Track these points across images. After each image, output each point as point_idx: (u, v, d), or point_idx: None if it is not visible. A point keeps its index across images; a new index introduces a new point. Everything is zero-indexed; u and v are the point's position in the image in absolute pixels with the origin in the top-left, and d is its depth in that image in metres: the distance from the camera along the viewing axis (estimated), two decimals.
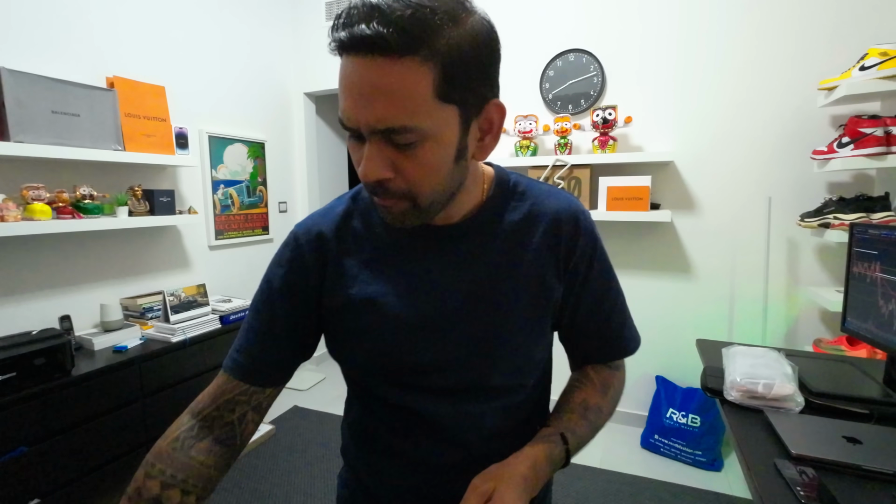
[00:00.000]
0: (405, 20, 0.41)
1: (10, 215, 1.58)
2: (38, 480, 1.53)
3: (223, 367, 0.63)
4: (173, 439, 0.58)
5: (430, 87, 0.44)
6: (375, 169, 0.46)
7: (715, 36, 2.20)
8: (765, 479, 0.74)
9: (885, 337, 1.03)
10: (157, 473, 0.55)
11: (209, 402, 0.62)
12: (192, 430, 0.60)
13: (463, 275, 0.58)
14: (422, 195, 0.49)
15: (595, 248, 0.62)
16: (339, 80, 0.46)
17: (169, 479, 0.55)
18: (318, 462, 2.17)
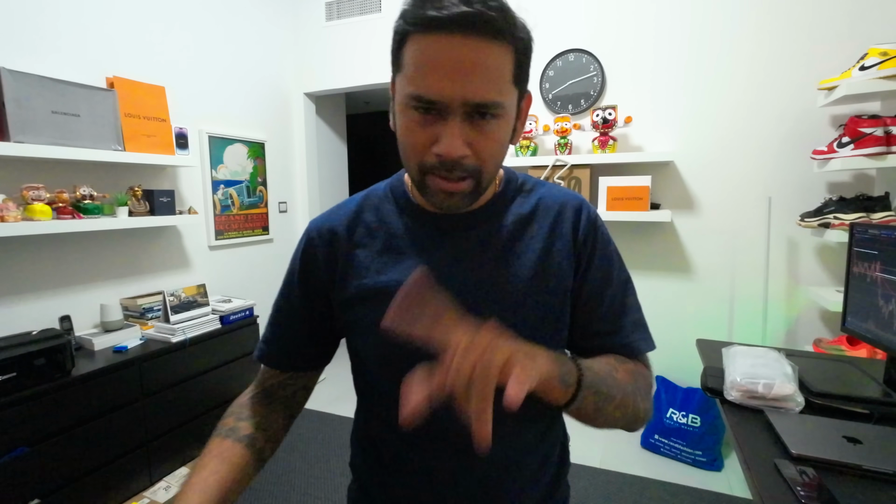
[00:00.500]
0: (499, 6, 0.47)
1: (10, 215, 1.58)
2: (39, 480, 1.53)
3: (254, 356, 0.70)
4: (250, 397, 0.68)
5: (511, 70, 0.49)
6: (459, 145, 0.49)
7: (715, 36, 2.20)
8: (765, 479, 0.74)
9: (886, 337, 1.03)
10: (245, 418, 0.63)
11: (262, 382, 0.70)
12: (257, 396, 0.68)
13: (473, 263, 0.59)
14: (486, 172, 0.53)
15: (597, 236, 0.63)
16: (417, 57, 0.48)
17: (255, 425, 0.63)
18: (318, 462, 2.17)
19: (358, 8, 2.93)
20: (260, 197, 2.93)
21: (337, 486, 2.00)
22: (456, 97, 0.47)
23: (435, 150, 0.49)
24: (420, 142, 0.50)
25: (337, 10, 2.99)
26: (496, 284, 0.59)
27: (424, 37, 0.47)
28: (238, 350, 2.33)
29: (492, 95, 0.48)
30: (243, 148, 2.78)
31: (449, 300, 0.49)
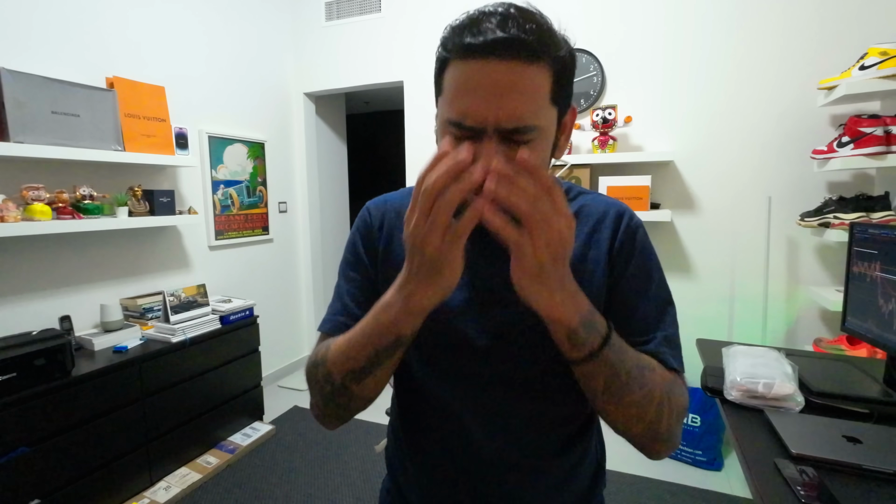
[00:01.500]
0: (536, 29, 0.47)
1: (10, 216, 1.58)
2: (39, 481, 1.53)
3: (324, 329, 0.66)
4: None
5: (549, 90, 0.49)
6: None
7: (715, 36, 2.20)
8: (765, 479, 0.74)
9: (885, 336, 1.03)
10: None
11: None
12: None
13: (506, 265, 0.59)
14: None
15: (635, 244, 0.61)
16: (454, 81, 0.50)
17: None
18: (319, 462, 2.17)
19: (358, 8, 2.93)
20: (260, 197, 2.93)
21: (337, 486, 2.00)
22: (489, 121, 0.48)
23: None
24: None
25: (337, 10, 2.99)
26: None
27: (462, 62, 0.49)
28: (238, 350, 2.33)
29: (525, 119, 0.48)
30: (243, 148, 2.77)
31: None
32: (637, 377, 0.52)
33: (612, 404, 0.52)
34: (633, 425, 0.54)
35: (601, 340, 0.49)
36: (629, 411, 0.52)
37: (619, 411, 0.53)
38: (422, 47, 2.79)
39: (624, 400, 0.51)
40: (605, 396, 0.52)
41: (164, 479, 1.97)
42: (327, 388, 0.56)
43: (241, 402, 2.36)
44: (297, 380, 3.09)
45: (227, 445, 2.24)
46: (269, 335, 2.86)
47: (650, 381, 0.53)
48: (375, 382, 0.55)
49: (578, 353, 0.49)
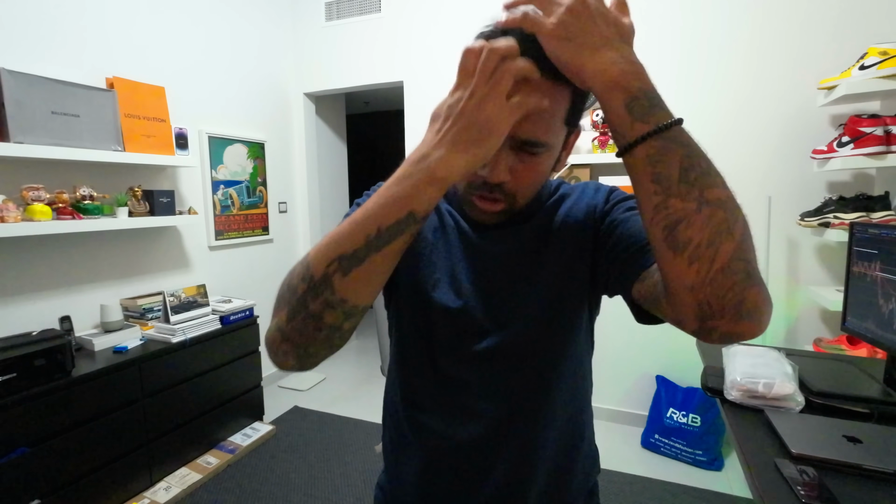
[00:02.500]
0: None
1: (10, 216, 1.58)
2: (39, 481, 1.53)
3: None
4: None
5: (565, 111, 0.51)
6: (502, 172, 0.52)
7: (714, 35, 2.20)
8: (765, 479, 0.74)
9: (886, 336, 1.03)
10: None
11: None
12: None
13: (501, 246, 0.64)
14: (521, 197, 0.56)
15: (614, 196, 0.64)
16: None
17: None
18: (319, 462, 2.17)
19: (357, 8, 2.93)
20: (260, 197, 2.93)
21: (337, 486, 2.00)
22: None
23: (480, 172, 0.53)
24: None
25: (336, 11, 2.99)
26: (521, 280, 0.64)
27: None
28: (238, 350, 2.33)
29: (539, 135, 0.50)
30: (243, 148, 2.77)
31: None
32: (718, 171, 0.43)
33: (693, 200, 0.40)
34: (723, 241, 0.40)
35: (670, 117, 0.42)
36: (716, 214, 0.40)
37: (704, 213, 0.40)
38: (422, 47, 2.79)
39: (708, 193, 0.41)
40: (683, 187, 0.41)
41: (165, 479, 1.97)
42: (301, 287, 0.45)
43: (241, 403, 2.36)
44: (297, 380, 3.09)
45: (227, 446, 2.24)
46: None
47: (729, 185, 0.43)
48: (366, 279, 0.45)
49: (643, 126, 0.41)
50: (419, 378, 0.67)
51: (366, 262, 0.44)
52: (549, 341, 0.63)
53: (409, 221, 0.44)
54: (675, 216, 0.41)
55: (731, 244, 0.40)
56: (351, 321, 0.47)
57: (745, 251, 0.41)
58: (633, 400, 2.48)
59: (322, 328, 0.46)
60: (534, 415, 0.64)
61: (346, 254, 0.44)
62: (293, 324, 0.47)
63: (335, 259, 0.44)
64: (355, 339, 3.96)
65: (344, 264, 0.44)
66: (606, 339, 2.38)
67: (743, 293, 0.40)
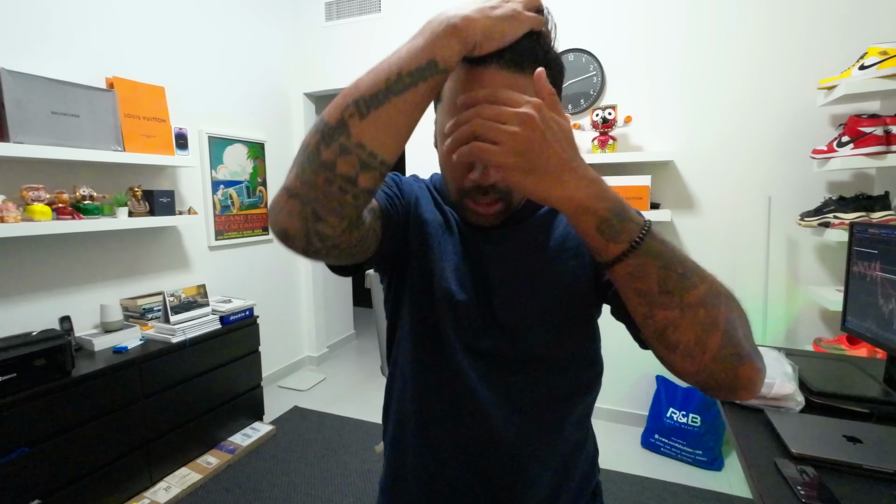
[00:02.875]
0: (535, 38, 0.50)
1: (10, 216, 1.58)
2: (39, 481, 1.53)
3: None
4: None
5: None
6: (492, 174, 0.53)
7: (714, 35, 2.20)
8: (765, 479, 0.74)
9: (886, 336, 1.03)
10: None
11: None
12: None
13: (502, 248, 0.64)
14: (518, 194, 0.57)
15: None
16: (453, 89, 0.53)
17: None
18: (319, 462, 2.17)
19: (357, 8, 2.93)
20: (260, 197, 2.93)
21: (337, 486, 2.00)
22: None
23: (471, 176, 0.54)
24: (459, 170, 0.55)
25: (336, 10, 2.99)
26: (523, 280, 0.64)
27: (461, 70, 0.51)
28: (238, 350, 2.33)
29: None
30: (243, 148, 2.77)
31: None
32: (693, 267, 0.45)
33: (675, 308, 0.43)
34: (709, 336, 0.43)
35: (640, 228, 0.43)
36: (698, 314, 0.43)
37: (687, 317, 0.43)
38: None
39: (688, 297, 0.43)
40: (664, 298, 0.43)
41: (165, 479, 1.96)
42: (314, 139, 0.43)
43: (241, 403, 2.36)
44: (297, 380, 3.09)
45: (227, 446, 2.24)
46: (269, 335, 2.86)
47: (706, 272, 0.45)
48: (385, 124, 0.42)
49: (616, 247, 0.43)
50: (424, 375, 0.66)
51: (385, 105, 0.42)
52: (557, 342, 0.63)
53: (430, 68, 0.42)
54: (662, 324, 0.44)
55: (717, 336, 0.43)
56: (366, 175, 0.43)
57: (732, 335, 0.44)
58: (633, 400, 2.48)
59: (335, 180, 0.42)
60: (543, 419, 0.63)
61: (365, 96, 0.42)
62: (303, 177, 0.43)
63: (352, 103, 0.42)
64: (355, 339, 3.96)
65: (361, 106, 0.42)
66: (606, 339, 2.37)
67: (735, 372, 0.44)
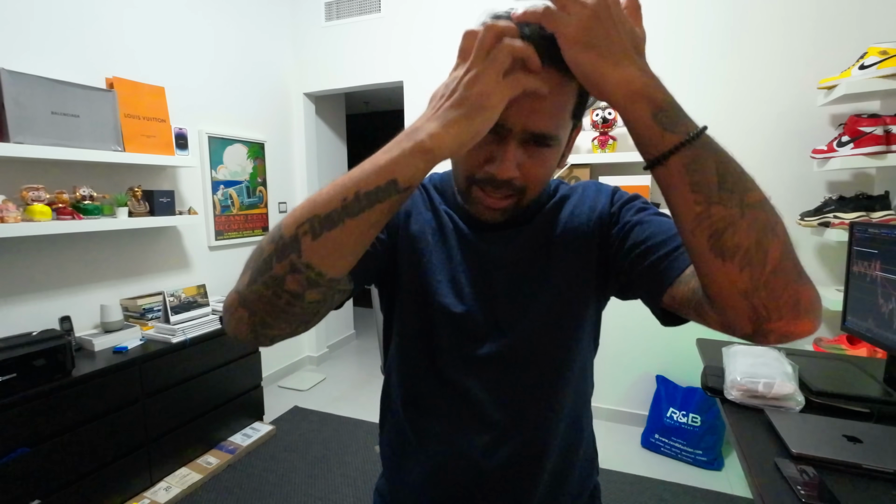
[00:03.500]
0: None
1: (10, 216, 1.58)
2: (39, 481, 1.53)
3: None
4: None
5: (573, 105, 0.51)
6: (512, 167, 0.51)
7: (714, 35, 2.20)
8: (765, 478, 0.74)
9: (886, 336, 1.03)
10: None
11: None
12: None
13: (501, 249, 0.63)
14: (530, 192, 0.56)
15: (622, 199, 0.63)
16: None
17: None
18: (319, 462, 2.17)
19: (357, 8, 2.93)
20: (260, 197, 2.93)
21: (337, 485, 2.00)
22: (518, 124, 0.49)
23: (489, 168, 0.52)
24: (475, 157, 0.53)
25: (336, 10, 2.99)
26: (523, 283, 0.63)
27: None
28: (238, 350, 2.33)
29: (551, 128, 0.50)
30: (243, 148, 2.77)
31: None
32: (751, 174, 0.42)
33: (734, 206, 0.40)
34: (770, 242, 0.41)
35: (696, 126, 0.41)
36: (759, 216, 0.41)
37: (748, 217, 0.40)
38: (421, 47, 2.79)
39: (748, 197, 0.40)
40: (724, 194, 0.40)
41: (165, 479, 1.96)
42: (268, 249, 0.43)
43: (241, 403, 2.36)
44: (297, 380, 3.09)
45: (227, 446, 2.24)
46: None
47: (770, 204, 0.43)
48: (336, 246, 0.42)
49: (674, 137, 0.40)
50: (421, 382, 0.66)
51: (338, 227, 0.42)
52: (554, 347, 0.62)
53: (389, 189, 0.42)
54: (721, 224, 0.40)
55: (778, 244, 0.41)
56: (314, 292, 0.43)
57: (792, 249, 0.41)
58: (633, 400, 2.48)
59: (282, 294, 0.43)
60: (538, 421, 0.63)
61: (320, 215, 0.42)
62: (253, 287, 0.44)
63: (307, 220, 0.42)
64: (355, 339, 3.96)
65: (316, 226, 0.42)
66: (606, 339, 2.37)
67: (798, 292, 0.41)
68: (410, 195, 0.45)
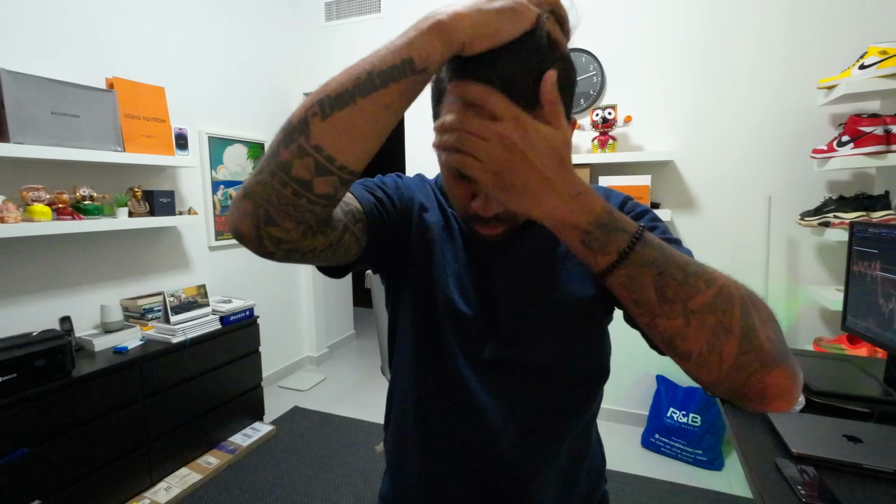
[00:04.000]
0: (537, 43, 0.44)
1: (10, 216, 1.58)
2: (39, 482, 1.53)
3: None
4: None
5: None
6: (493, 206, 0.51)
7: (714, 35, 2.20)
8: (766, 478, 0.74)
9: (886, 335, 1.03)
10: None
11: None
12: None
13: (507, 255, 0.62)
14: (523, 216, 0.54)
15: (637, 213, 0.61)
16: (451, 102, 0.48)
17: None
18: (319, 462, 2.17)
19: (357, 8, 2.93)
20: None
21: (337, 485, 2.00)
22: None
23: (473, 205, 0.51)
24: (459, 195, 0.53)
25: (336, 11, 2.99)
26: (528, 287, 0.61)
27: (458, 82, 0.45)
28: (238, 350, 2.33)
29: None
30: (243, 148, 2.77)
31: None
32: (697, 271, 0.41)
33: (678, 316, 0.40)
34: (723, 343, 0.39)
35: (630, 237, 0.41)
36: (706, 320, 0.39)
37: (693, 324, 0.40)
38: None
39: (692, 304, 0.40)
40: (665, 307, 0.40)
41: (165, 479, 1.96)
42: (278, 136, 0.41)
43: (241, 403, 2.36)
44: (297, 380, 3.09)
45: (227, 446, 2.24)
46: (269, 336, 2.86)
47: (716, 274, 0.42)
48: (347, 127, 0.39)
49: (605, 258, 0.41)
50: (425, 383, 0.65)
51: (350, 106, 0.39)
52: (562, 352, 0.61)
53: (405, 68, 0.39)
54: (667, 334, 0.41)
55: (733, 342, 0.39)
56: (323, 181, 0.40)
57: (751, 340, 0.39)
58: (633, 399, 2.48)
59: (288, 182, 0.40)
60: (544, 429, 0.61)
61: (331, 95, 0.39)
62: (259, 177, 0.41)
63: (317, 101, 0.39)
64: (355, 339, 3.96)
65: (325, 106, 0.39)
66: None
67: (764, 381, 0.39)
68: (426, 81, 0.42)
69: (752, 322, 0.40)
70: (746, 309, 0.40)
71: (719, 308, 0.40)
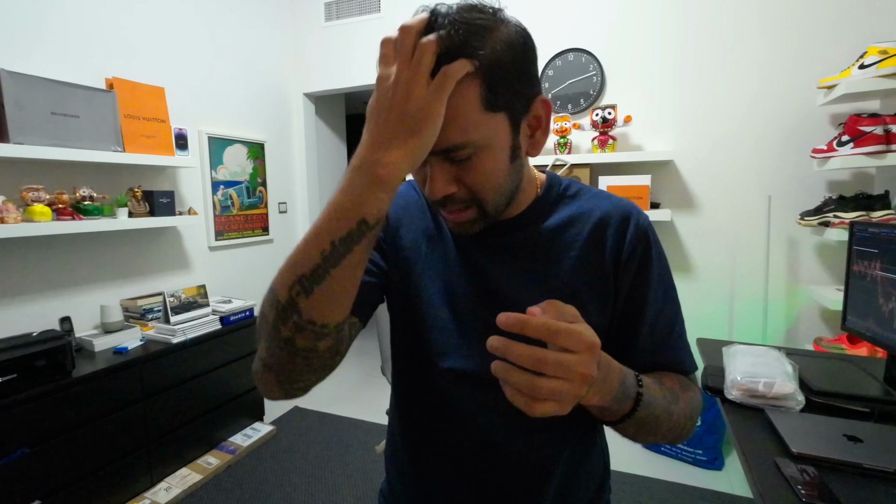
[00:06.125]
0: (446, 37, 0.42)
1: (10, 217, 1.58)
2: (39, 482, 1.53)
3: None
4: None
5: (478, 102, 0.45)
6: (441, 186, 0.49)
7: (714, 35, 2.20)
8: (766, 478, 0.74)
9: (886, 335, 1.03)
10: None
11: None
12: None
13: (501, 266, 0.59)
14: (487, 200, 0.52)
15: (649, 250, 0.59)
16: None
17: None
18: (320, 462, 2.17)
19: (357, 8, 2.93)
20: (260, 197, 2.93)
21: (338, 486, 2.00)
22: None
23: (427, 189, 0.51)
24: (420, 183, 0.53)
25: (336, 11, 2.99)
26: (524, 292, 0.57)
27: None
28: (238, 351, 2.33)
29: (452, 138, 0.45)
30: (243, 148, 2.77)
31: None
32: (665, 418, 0.54)
33: (640, 440, 0.57)
34: (657, 442, 0.58)
35: (632, 404, 0.50)
36: (655, 439, 0.57)
37: (646, 440, 0.57)
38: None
39: (652, 437, 0.56)
40: (636, 437, 0.56)
41: (165, 479, 1.96)
42: (271, 315, 0.44)
43: (241, 403, 2.36)
44: None
45: (227, 446, 2.24)
46: None
47: (676, 414, 0.55)
48: (330, 297, 0.43)
49: (612, 418, 0.52)
50: (416, 395, 0.64)
51: (326, 279, 0.42)
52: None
53: (362, 230, 0.42)
54: (632, 438, 0.58)
55: (664, 441, 0.58)
56: (325, 341, 0.45)
57: (677, 437, 0.58)
58: None
59: (297, 353, 0.45)
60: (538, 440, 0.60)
61: (306, 274, 0.42)
62: (270, 351, 0.46)
63: (296, 281, 0.43)
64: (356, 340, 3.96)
65: (305, 285, 0.42)
66: None
67: (661, 443, 0.61)
68: (381, 227, 0.46)
69: (682, 431, 0.57)
70: (683, 427, 0.57)
71: (668, 433, 0.56)
